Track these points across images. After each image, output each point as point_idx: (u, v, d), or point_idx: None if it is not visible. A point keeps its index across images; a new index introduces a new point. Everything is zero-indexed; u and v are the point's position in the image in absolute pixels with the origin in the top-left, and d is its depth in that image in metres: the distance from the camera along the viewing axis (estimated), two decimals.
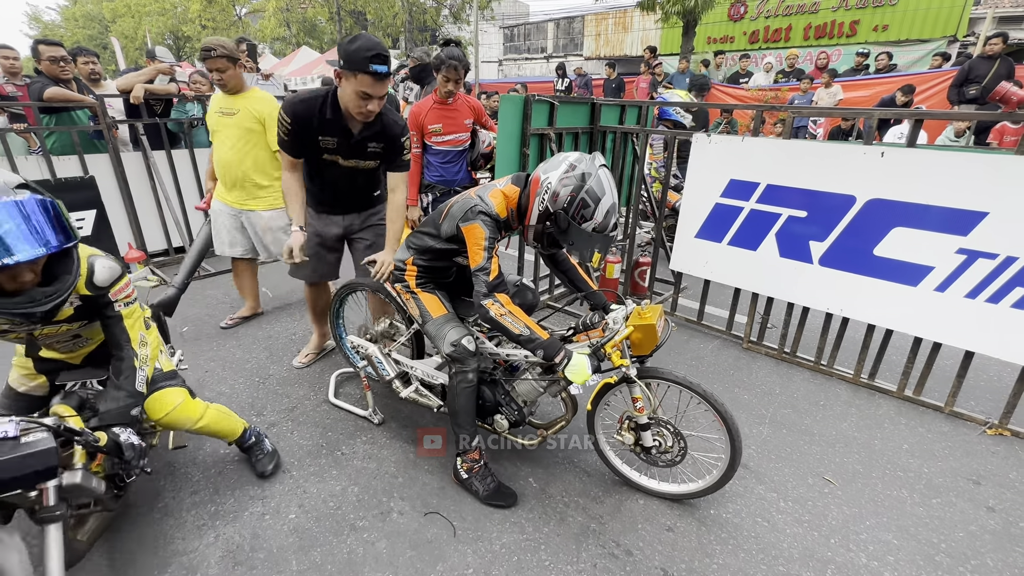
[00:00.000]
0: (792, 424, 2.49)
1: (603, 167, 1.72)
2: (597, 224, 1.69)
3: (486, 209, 1.76)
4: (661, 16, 11.42)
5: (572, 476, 2.11)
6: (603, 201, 1.68)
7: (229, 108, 2.85)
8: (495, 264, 1.77)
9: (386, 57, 1.92)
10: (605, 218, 1.69)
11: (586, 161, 1.71)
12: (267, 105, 2.88)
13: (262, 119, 2.87)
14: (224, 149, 2.90)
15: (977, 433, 2.45)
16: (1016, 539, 1.86)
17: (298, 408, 2.53)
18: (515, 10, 27.21)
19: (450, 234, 1.86)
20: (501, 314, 1.74)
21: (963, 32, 12.40)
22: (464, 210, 1.78)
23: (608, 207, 1.69)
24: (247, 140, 2.88)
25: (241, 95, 2.86)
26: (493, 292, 1.76)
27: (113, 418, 1.53)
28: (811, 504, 2.00)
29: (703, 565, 1.72)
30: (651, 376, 1.83)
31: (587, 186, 1.67)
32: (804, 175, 2.70)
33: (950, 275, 2.38)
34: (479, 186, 1.94)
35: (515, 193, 1.82)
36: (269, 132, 2.90)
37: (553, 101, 3.24)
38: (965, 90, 6.54)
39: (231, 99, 2.85)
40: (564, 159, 1.73)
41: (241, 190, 2.99)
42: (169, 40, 27.51)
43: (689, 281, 3.77)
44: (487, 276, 1.74)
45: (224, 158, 2.92)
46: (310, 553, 1.74)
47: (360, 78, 1.93)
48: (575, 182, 1.68)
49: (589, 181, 1.67)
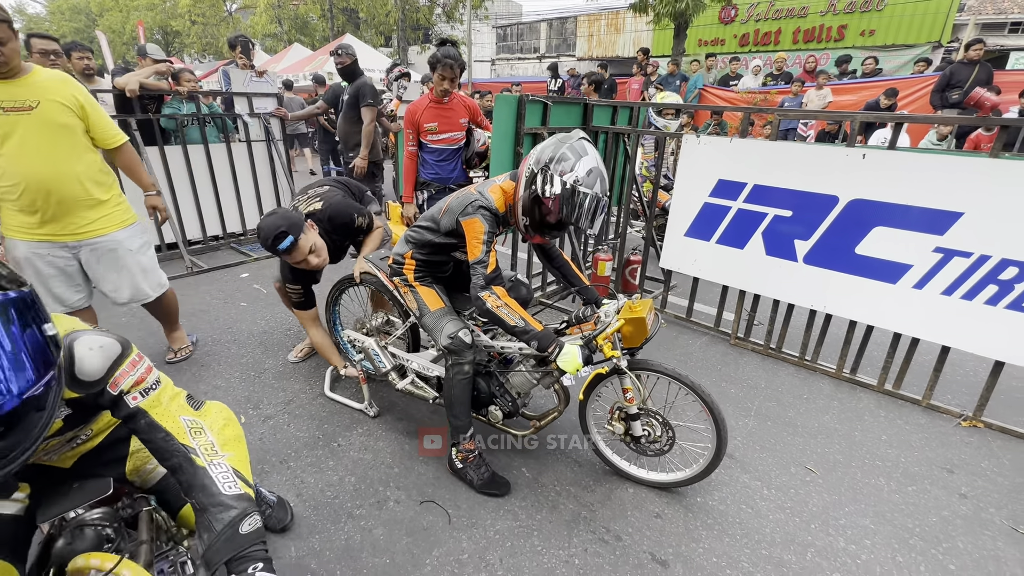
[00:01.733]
0: (776, 416, 2.57)
1: (583, 139, 1.74)
2: (578, 177, 1.65)
3: (486, 204, 1.80)
4: (653, 18, 11.53)
5: (564, 466, 2.17)
6: (584, 159, 1.68)
7: (19, 101, 2.07)
8: (493, 258, 1.81)
9: (284, 232, 2.12)
10: (588, 176, 1.67)
11: (563, 135, 1.75)
12: (73, 86, 2.21)
13: (78, 107, 2.20)
14: (27, 161, 2.10)
15: (952, 425, 2.55)
16: (985, 523, 1.95)
17: (294, 401, 2.56)
18: (508, 10, 27.26)
19: (449, 228, 1.91)
20: (497, 306, 1.78)
21: (947, 38, 12.66)
22: (464, 205, 1.83)
23: (591, 167, 1.68)
24: (64, 142, 2.17)
25: (27, 79, 2.09)
26: (490, 285, 1.81)
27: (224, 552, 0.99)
28: (793, 492, 2.08)
29: (689, 549, 1.79)
30: (641, 368, 1.89)
31: (565, 145, 1.70)
32: (790, 176, 2.78)
33: (927, 273, 2.47)
34: (479, 183, 1.99)
35: (513, 189, 1.87)
36: (94, 122, 2.27)
37: (547, 101, 3.30)
38: (948, 95, 6.71)
39: (15, 87, 2.07)
40: (552, 140, 1.77)
41: (69, 215, 2.25)
42: (158, 35, 27.18)
43: (679, 279, 3.86)
44: (485, 269, 1.79)
45: (32, 174, 2.12)
46: (308, 540, 1.78)
47: (284, 257, 2.24)
48: (554, 145, 1.72)
49: (567, 142, 1.71)
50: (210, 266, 4.38)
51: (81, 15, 31.86)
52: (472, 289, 1.82)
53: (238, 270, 4.40)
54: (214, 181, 4.69)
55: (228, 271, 4.37)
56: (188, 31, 25.40)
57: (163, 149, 4.33)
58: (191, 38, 25.56)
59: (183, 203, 4.52)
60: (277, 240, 2.12)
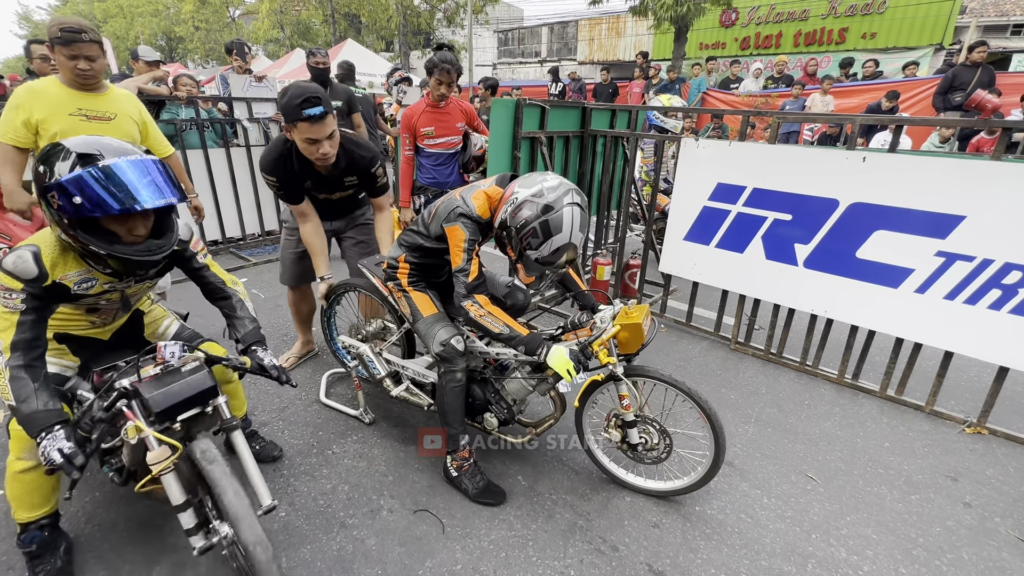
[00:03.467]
0: (777, 423, 2.53)
1: (575, 205, 1.67)
2: (541, 256, 1.69)
3: (466, 211, 1.78)
4: (654, 22, 11.55)
5: (560, 474, 2.14)
6: (555, 239, 1.65)
7: (100, 111, 2.41)
8: (475, 265, 1.79)
9: (317, 99, 1.95)
10: (552, 255, 1.68)
11: (558, 192, 1.67)
12: (136, 102, 2.57)
13: (141, 121, 2.56)
14: None
15: (956, 432, 2.51)
16: (991, 533, 1.91)
17: (289, 408, 2.54)
18: (509, 14, 27.35)
19: (437, 234, 1.89)
20: (480, 315, 1.78)
21: (949, 40, 12.64)
22: (447, 211, 1.82)
23: (560, 245, 1.66)
24: None
25: (107, 94, 2.45)
26: (472, 293, 1.79)
27: (251, 338, 1.72)
28: (794, 501, 2.04)
29: (687, 560, 1.76)
30: (637, 374, 1.86)
31: (544, 218, 1.64)
32: (789, 179, 2.75)
33: (929, 277, 2.44)
34: (465, 186, 1.96)
35: (498, 195, 1.83)
36: (151, 134, 2.63)
37: (544, 105, 3.29)
38: (950, 97, 6.67)
39: (98, 99, 2.41)
40: (542, 180, 1.71)
41: None
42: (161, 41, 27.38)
43: (678, 283, 3.83)
44: (466, 278, 1.78)
45: None
46: (299, 550, 1.75)
47: (300, 126, 2.00)
48: (535, 210, 1.66)
49: (548, 215, 1.64)
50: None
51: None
52: (455, 298, 1.82)
53: (237, 275, 4.38)
54: (213, 186, 4.69)
55: None
56: (191, 37, 25.59)
57: None
58: (194, 44, 25.75)
59: (182, 208, 4.48)
60: (307, 103, 1.92)
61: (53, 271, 1.39)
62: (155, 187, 1.33)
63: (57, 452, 1.24)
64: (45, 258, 1.37)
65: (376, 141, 5.12)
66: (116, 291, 1.58)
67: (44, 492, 1.57)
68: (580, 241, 1.71)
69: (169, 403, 1.37)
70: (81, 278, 1.44)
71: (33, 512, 1.57)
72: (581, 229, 1.69)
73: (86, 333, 1.70)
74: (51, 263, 1.38)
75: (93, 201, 1.24)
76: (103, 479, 1.95)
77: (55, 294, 1.42)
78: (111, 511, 1.88)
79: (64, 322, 1.64)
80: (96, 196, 1.24)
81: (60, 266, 1.40)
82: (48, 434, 1.27)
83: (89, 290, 1.48)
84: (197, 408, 1.44)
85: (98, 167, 1.26)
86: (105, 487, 1.98)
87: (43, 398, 1.32)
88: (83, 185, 1.24)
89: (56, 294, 1.42)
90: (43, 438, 1.27)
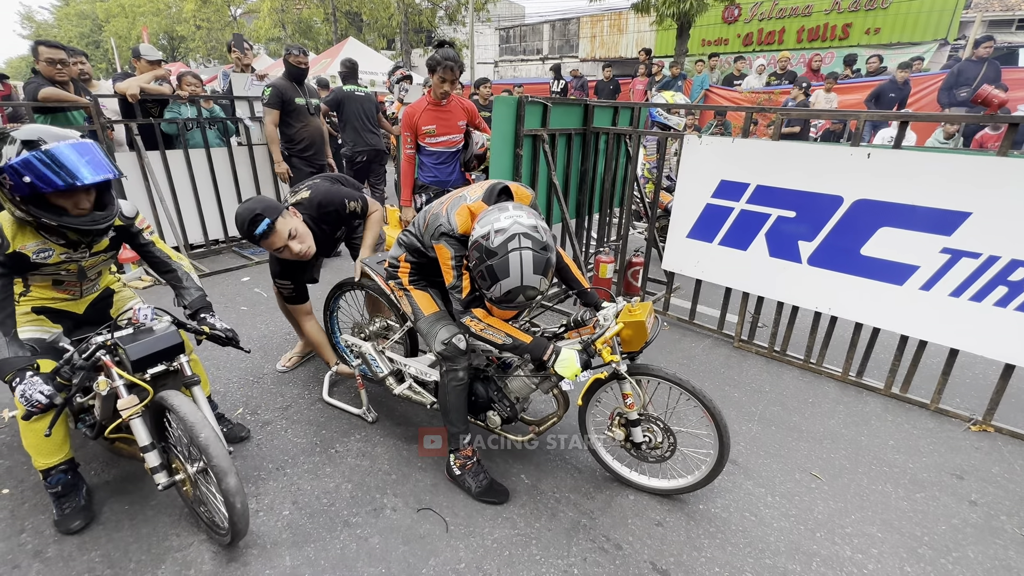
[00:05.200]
0: (781, 421, 2.52)
1: (522, 250, 1.53)
2: (494, 297, 1.62)
3: (447, 230, 1.72)
4: (656, 18, 11.48)
5: (563, 472, 2.14)
6: (503, 282, 1.56)
7: None
8: (466, 281, 1.76)
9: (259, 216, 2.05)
10: (505, 296, 1.59)
11: (506, 236, 1.54)
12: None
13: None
14: None
15: (962, 429, 2.50)
16: (996, 532, 1.90)
17: (292, 407, 2.54)
18: (511, 11, 27.25)
19: (429, 245, 1.86)
20: (481, 329, 1.77)
21: (954, 35, 12.55)
22: (433, 228, 1.77)
23: (511, 288, 1.56)
24: None
25: None
26: (469, 308, 1.79)
27: (198, 304, 1.92)
28: (798, 499, 2.03)
29: (691, 559, 1.75)
30: (641, 372, 1.86)
31: (489, 263, 1.56)
32: (793, 176, 2.74)
33: (935, 274, 2.42)
34: (451, 197, 1.87)
35: (481, 209, 1.74)
36: None
37: (546, 103, 3.27)
38: (956, 93, 6.62)
39: None
40: (494, 221, 1.58)
41: None
42: (163, 40, 27.40)
43: (681, 281, 3.81)
44: (460, 294, 1.77)
45: None
46: (303, 549, 1.75)
47: (263, 244, 2.14)
48: (481, 253, 1.57)
49: (493, 260, 1.55)
50: (211, 269, 4.38)
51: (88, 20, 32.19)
52: (455, 316, 1.83)
53: (239, 274, 4.40)
54: (216, 184, 4.70)
55: (229, 275, 4.37)
56: (193, 36, 25.60)
57: (164, 153, 4.34)
58: (196, 43, 25.75)
59: (185, 206, 4.52)
60: (253, 224, 2.05)
61: (14, 242, 1.60)
62: (94, 165, 1.52)
63: (40, 394, 1.44)
64: (6, 231, 1.59)
65: (378, 140, 5.11)
66: (73, 262, 1.76)
67: (55, 439, 1.76)
68: (538, 283, 1.57)
69: (145, 352, 1.61)
70: (38, 248, 1.65)
71: (51, 458, 1.77)
72: (536, 271, 1.55)
73: (61, 306, 1.91)
74: (11, 235, 1.60)
75: (41, 180, 1.45)
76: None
77: (17, 262, 1.63)
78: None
79: (39, 298, 1.86)
80: (43, 175, 1.45)
81: (19, 238, 1.61)
82: (20, 378, 1.46)
83: (47, 259, 1.69)
84: (166, 363, 1.66)
85: (41, 150, 1.46)
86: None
87: (13, 348, 1.54)
88: (31, 166, 1.44)
89: (18, 262, 1.64)
90: (17, 382, 1.46)
